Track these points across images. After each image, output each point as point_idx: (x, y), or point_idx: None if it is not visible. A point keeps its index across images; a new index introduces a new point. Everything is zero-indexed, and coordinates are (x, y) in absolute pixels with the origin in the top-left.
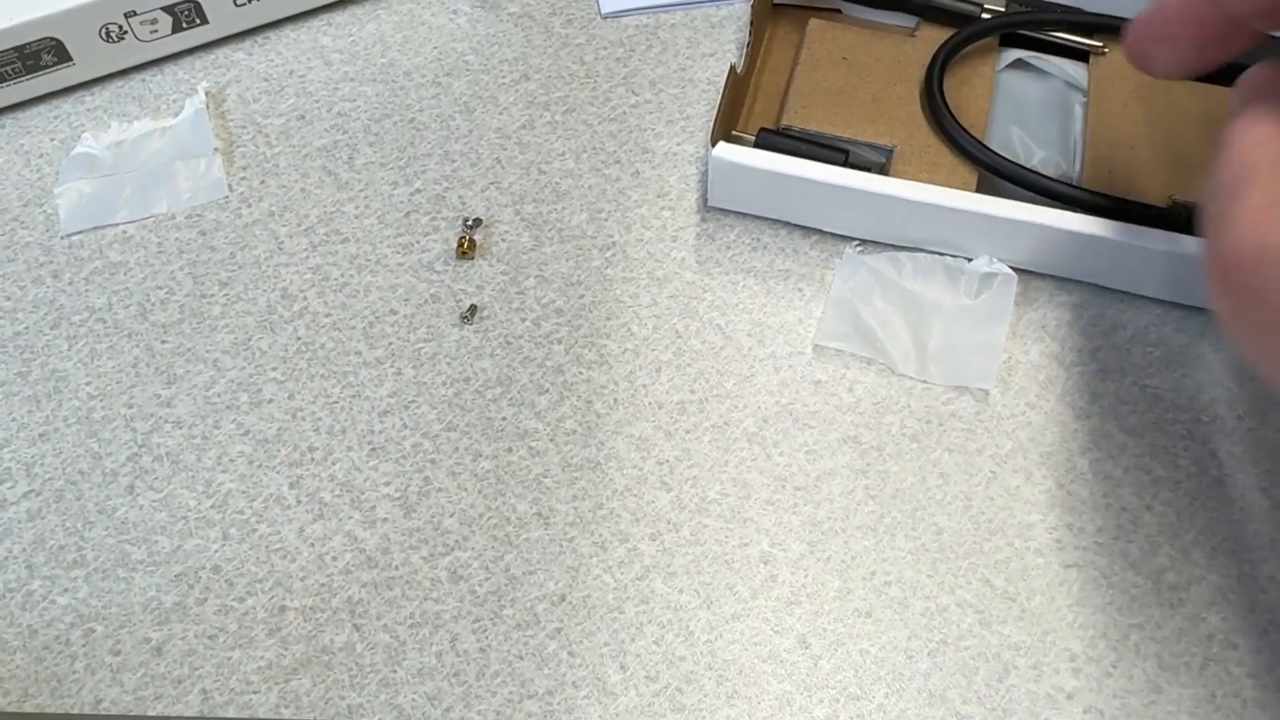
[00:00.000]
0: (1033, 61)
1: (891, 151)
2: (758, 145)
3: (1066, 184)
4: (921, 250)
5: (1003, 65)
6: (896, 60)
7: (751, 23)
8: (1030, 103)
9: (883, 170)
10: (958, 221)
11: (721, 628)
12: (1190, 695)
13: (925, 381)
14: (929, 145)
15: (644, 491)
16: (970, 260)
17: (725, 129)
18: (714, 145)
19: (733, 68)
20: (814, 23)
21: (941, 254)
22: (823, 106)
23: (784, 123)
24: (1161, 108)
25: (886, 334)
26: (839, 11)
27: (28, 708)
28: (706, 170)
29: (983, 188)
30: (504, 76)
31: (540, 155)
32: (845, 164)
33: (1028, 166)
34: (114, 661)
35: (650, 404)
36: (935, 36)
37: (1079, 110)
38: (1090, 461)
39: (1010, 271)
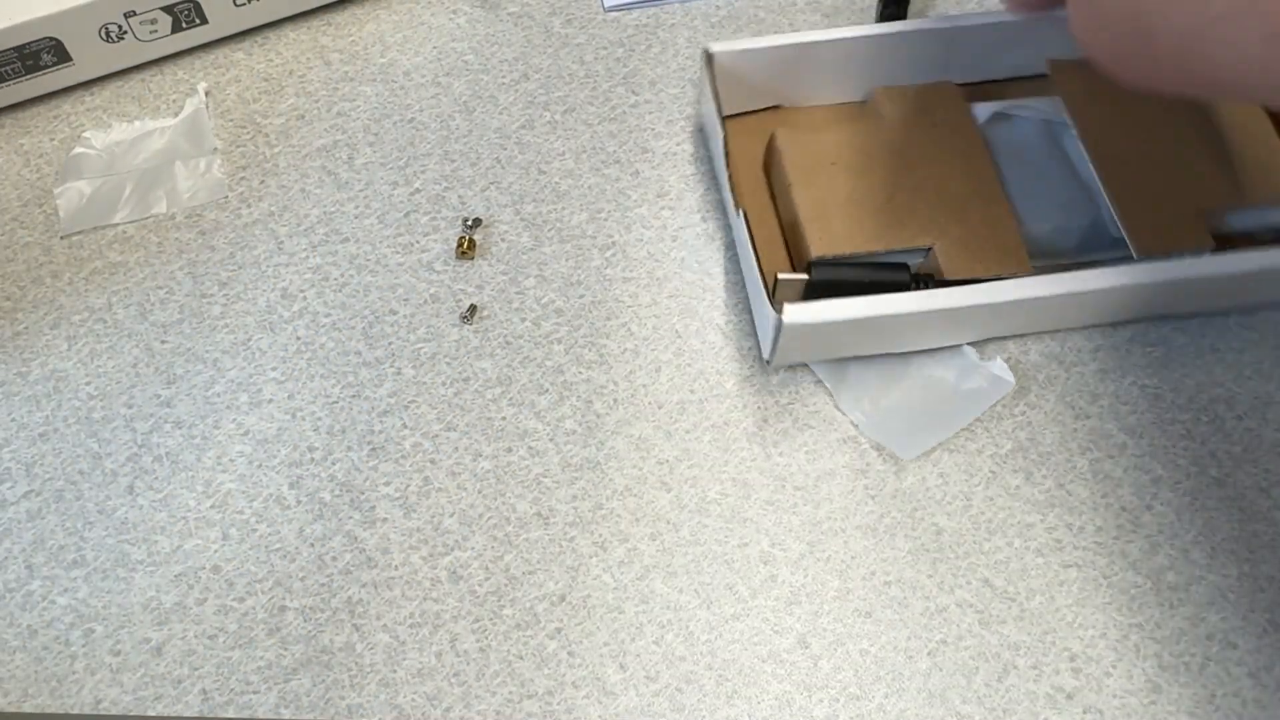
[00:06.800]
0: (1009, 110)
1: (929, 251)
2: (815, 283)
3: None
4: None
5: (983, 122)
6: (885, 151)
7: (730, 176)
8: (1026, 150)
9: (930, 276)
10: (1041, 307)
11: (721, 628)
12: (1190, 695)
13: (852, 423)
14: (964, 235)
15: (644, 491)
16: (981, 356)
17: (772, 280)
18: (779, 310)
19: (745, 215)
20: (781, 135)
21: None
22: (841, 225)
23: (814, 256)
24: (1141, 118)
25: (857, 373)
26: (779, 107)
27: (28, 708)
28: (773, 334)
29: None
30: (504, 76)
31: (540, 155)
32: (911, 280)
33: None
34: (114, 661)
35: (650, 404)
36: (900, 113)
37: (1071, 143)
38: (1090, 461)
39: (1010, 379)
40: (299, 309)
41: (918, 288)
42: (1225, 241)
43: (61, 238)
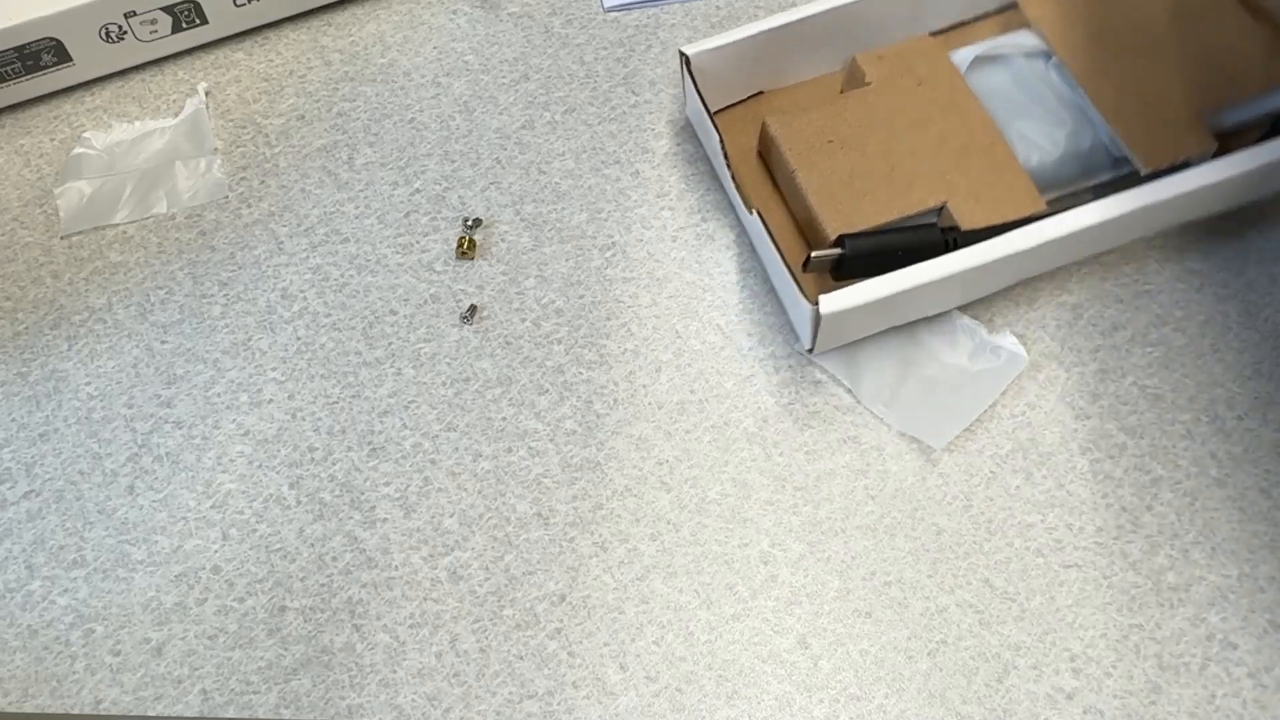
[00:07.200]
0: (988, 53)
1: (942, 209)
2: (851, 255)
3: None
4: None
5: (965, 69)
6: (877, 119)
7: (732, 173)
8: (1013, 88)
9: (955, 227)
10: (1069, 243)
11: (721, 628)
12: (1190, 695)
13: (880, 420)
14: (972, 185)
15: (644, 491)
16: (990, 331)
17: (799, 265)
18: (815, 302)
19: (759, 214)
20: (773, 121)
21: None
22: (851, 202)
23: (831, 237)
24: (1118, 31)
25: (872, 364)
26: (761, 93)
27: (28, 708)
28: (811, 325)
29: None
30: (504, 76)
31: (540, 155)
32: (942, 237)
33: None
34: (114, 661)
35: (650, 404)
36: (883, 76)
37: (1055, 71)
38: (1090, 461)
39: (1023, 354)
40: (299, 309)
41: (949, 244)
42: (1225, 138)
43: (61, 238)
